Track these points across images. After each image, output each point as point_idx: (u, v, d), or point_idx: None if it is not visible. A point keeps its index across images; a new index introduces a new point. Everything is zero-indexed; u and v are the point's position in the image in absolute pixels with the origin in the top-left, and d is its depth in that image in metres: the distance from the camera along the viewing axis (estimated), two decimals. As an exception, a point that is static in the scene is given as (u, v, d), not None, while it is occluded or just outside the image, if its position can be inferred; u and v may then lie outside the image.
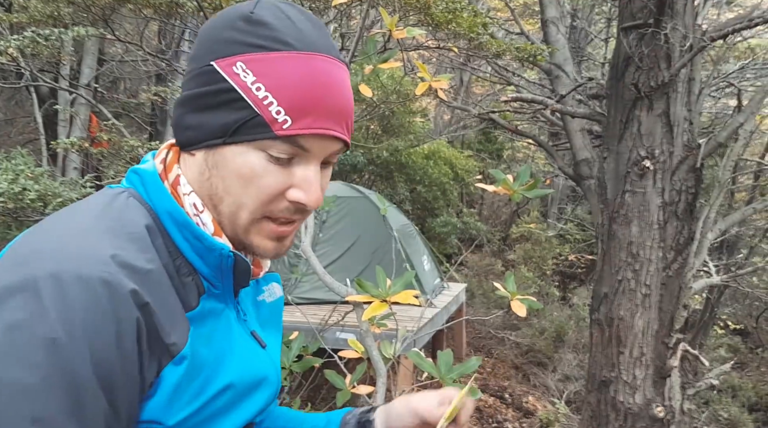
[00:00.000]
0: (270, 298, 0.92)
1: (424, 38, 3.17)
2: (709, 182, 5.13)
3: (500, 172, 2.52)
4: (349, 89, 0.72)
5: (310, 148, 0.70)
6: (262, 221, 0.72)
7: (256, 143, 0.68)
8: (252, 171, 0.69)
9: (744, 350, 8.34)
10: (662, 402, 3.67)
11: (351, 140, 0.75)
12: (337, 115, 0.70)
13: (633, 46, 3.43)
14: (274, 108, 0.67)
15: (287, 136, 0.68)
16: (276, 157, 0.69)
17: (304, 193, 0.71)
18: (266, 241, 0.74)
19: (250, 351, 0.78)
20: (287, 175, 0.70)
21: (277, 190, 0.70)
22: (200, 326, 0.71)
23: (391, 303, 2.19)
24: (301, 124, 0.67)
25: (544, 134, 9.03)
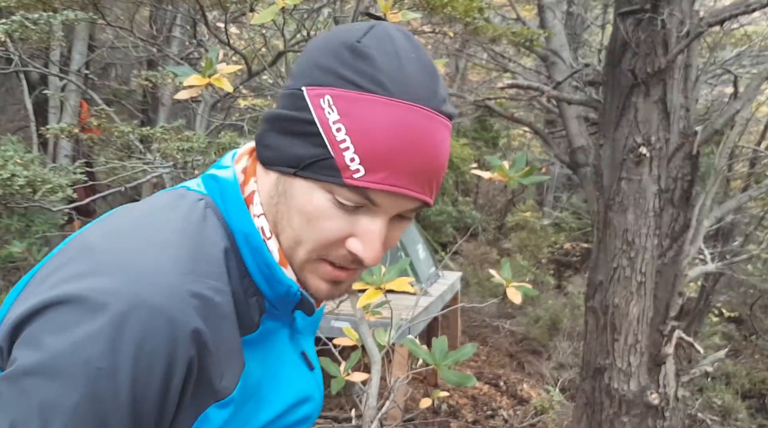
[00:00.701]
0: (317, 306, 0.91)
1: (420, 23, 3.13)
2: (705, 170, 5.12)
3: (496, 159, 2.49)
4: (445, 149, 0.66)
5: (380, 203, 0.64)
6: (318, 262, 0.69)
7: (325, 184, 0.64)
8: (316, 210, 0.65)
9: (738, 338, 8.39)
10: (657, 389, 3.67)
11: None
12: (420, 175, 0.63)
13: (630, 32, 3.40)
14: (349, 154, 0.62)
15: (356, 187, 0.63)
16: (342, 203, 0.64)
17: (363, 246, 0.66)
18: (320, 282, 0.70)
19: (298, 374, 0.77)
20: (351, 222, 0.66)
21: (337, 235, 0.66)
22: (256, 349, 0.70)
23: (386, 290, 2.18)
24: (374, 178, 0.62)
25: (540, 122, 9.00)
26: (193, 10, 3.40)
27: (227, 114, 5.11)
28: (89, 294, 0.56)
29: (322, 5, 3.19)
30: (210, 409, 0.63)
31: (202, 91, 2.33)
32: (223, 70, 2.10)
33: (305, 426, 0.80)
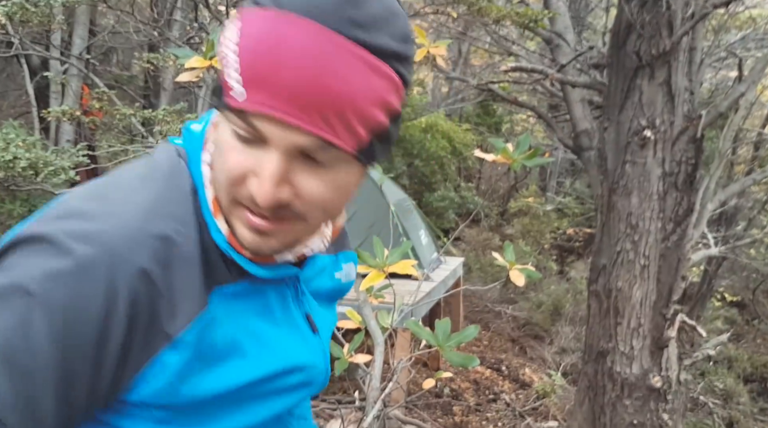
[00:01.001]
0: (345, 279, 0.86)
1: (423, 4, 3.10)
2: (709, 153, 5.09)
3: (499, 141, 2.48)
4: (351, 79, 0.56)
5: (266, 132, 0.58)
6: (237, 206, 0.63)
7: (224, 113, 0.61)
8: (222, 143, 0.62)
9: (740, 322, 8.40)
10: (659, 372, 3.68)
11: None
12: (307, 102, 0.56)
13: (635, 14, 3.36)
14: (235, 75, 0.57)
15: (238, 111, 0.58)
16: (239, 134, 0.60)
17: (257, 184, 0.60)
18: (243, 230, 0.64)
19: (296, 337, 0.74)
20: (251, 158, 0.60)
21: (238, 171, 0.61)
22: (236, 302, 0.67)
23: (389, 273, 2.18)
24: (252, 100, 0.56)
25: (544, 106, 8.95)
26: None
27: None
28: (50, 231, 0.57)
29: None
30: (163, 352, 0.61)
31: (203, 74, 2.32)
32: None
33: (306, 392, 0.78)
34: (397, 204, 6.66)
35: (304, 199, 0.61)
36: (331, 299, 0.86)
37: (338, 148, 0.59)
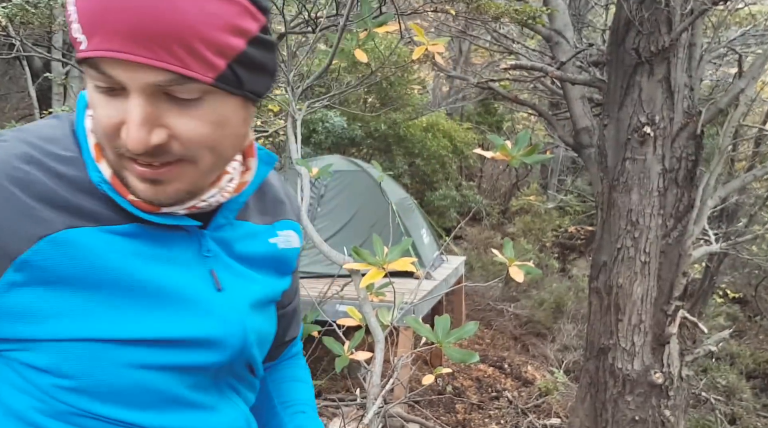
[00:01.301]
0: (283, 245, 0.85)
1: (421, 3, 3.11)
2: (709, 149, 5.09)
3: (498, 138, 2.48)
4: (176, 5, 0.56)
5: (117, 76, 0.58)
6: (124, 159, 0.64)
7: (83, 69, 0.62)
8: (91, 99, 0.63)
9: (742, 318, 8.39)
10: (660, 368, 3.69)
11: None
12: (136, 34, 0.56)
13: (633, 10, 3.37)
14: (75, 25, 0.58)
15: (86, 60, 0.59)
16: (99, 86, 0.60)
17: (125, 133, 0.60)
18: (136, 182, 0.64)
19: (195, 298, 0.71)
20: (118, 108, 0.61)
21: (110, 124, 0.61)
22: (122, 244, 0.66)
23: (388, 271, 2.18)
24: (92, 45, 0.57)
25: (544, 105, 8.95)
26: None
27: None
28: None
29: (323, -14, 3.18)
30: (8, 272, 0.61)
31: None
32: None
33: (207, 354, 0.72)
34: (398, 203, 6.67)
35: (182, 139, 0.61)
36: (272, 266, 0.84)
37: (193, 79, 0.59)
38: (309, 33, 3.11)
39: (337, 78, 6.74)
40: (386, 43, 7.04)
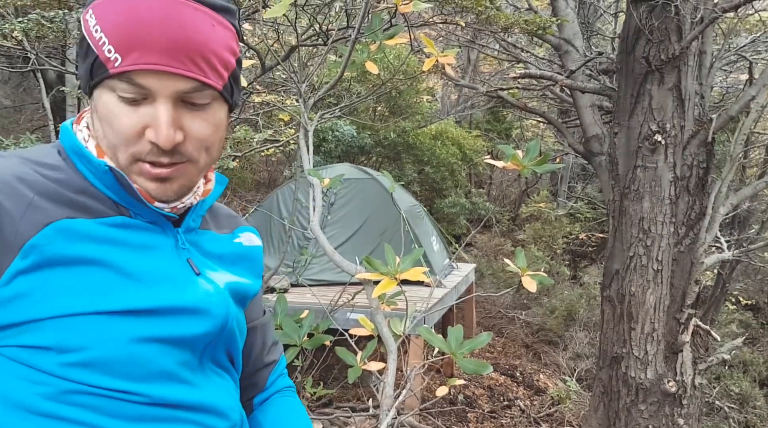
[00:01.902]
0: (247, 243, 0.95)
1: (431, 15, 3.13)
2: (720, 157, 5.08)
3: (509, 148, 2.50)
4: (199, 28, 0.72)
5: (149, 85, 0.71)
6: (136, 163, 0.75)
7: (105, 84, 0.72)
8: (108, 112, 0.73)
9: (755, 325, 8.31)
10: (674, 377, 3.67)
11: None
12: (171, 50, 0.70)
13: (643, 19, 3.38)
14: (107, 47, 0.70)
15: (121, 74, 0.70)
16: (125, 98, 0.72)
17: (155, 132, 0.72)
18: (146, 183, 0.76)
19: (179, 277, 0.79)
20: (141, 116, 0.72)
21: (132, 130, 0.73)
22: (107, 230, 0.75)
23: (400, 280, 2.20)
24: (129, 61, 0.69)
25: (554, 112, 8.94)
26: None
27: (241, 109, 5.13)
28: None
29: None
30: (15, 261, 0.69)
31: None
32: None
33: (194, 332, 0.80)
34: (408, 210, 6.68)
35: (193, 139, 0.74)
36: (241, 263, 0.93)
37: (211, 87, 0.74)
38: (320, 45, 3.14)
39: (348, 88, 6.77)
40: (396, 52, 7.08)
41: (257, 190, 10.38)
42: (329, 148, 8.91)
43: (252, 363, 0.99)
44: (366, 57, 2.50)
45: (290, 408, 1.02)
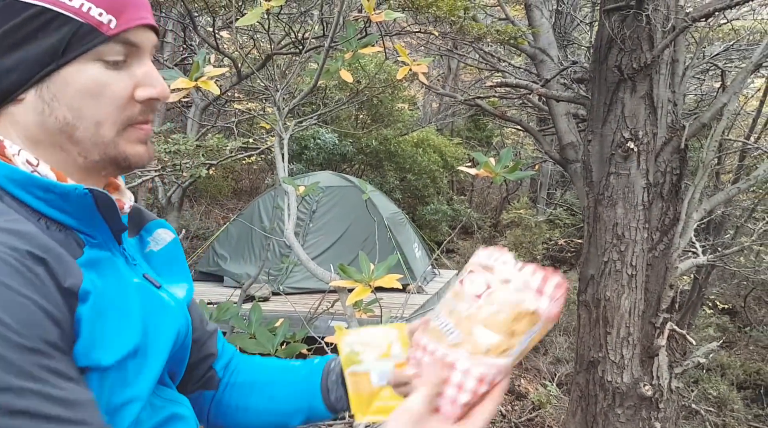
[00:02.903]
0: (158, 246, 0.87)
1: (407, 23, 3.17)
2: (694, 163, 5.16)
3: (482, 155, 2.52)
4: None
5: (140, 42, 0.72)
6: (126, 129, 0.73)
7: (91, 54, 0.68)
8: (96, 84, 0.69)
9: (732, 329, 8.43)
10: (650, 381, 3.71)
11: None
12: (146, 5, 0.73)
13: (615, 28, 3.43)
14: (95, 11, 0.67)
15: (117, 35, 0.69)
16: (113, 62, 0.70)
17: (152, 87, 0.73)
18: (137, 147, 0.74)
19: (146, 293, 0.76)
20: (129, 77, 0.71)
21: (125, 94, 0.71)
22: (91, 272, 0.69)
23: (375, 287, 2.20)
24: (125, 19, 0.69)
25: (533, 120, 9.03)
26: (182, 16, 3.43)
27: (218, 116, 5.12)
28: None
29: (310, 8, 3.23)
30: (79, 307, 0.64)
31: (192, 94, 2.36)
32: (210, 73, 2.13)
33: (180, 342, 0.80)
34: (390, 218, 6.70)
35: (167, 87, 0.75)
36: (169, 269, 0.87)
37: (158, 35, 0.78)
38: (296, 54, 3.15)
39: (326, 96, 6.79)
40: (376, 60, 7.12)
41: (239, 198, 10.35)
42: (311, 155, 8.91)
43: (199, 335, 0.95)
44: (341, 66, 2.52)
45: (261, 360, 1.03)
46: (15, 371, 0.55)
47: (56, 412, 0.57)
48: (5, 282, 0.57)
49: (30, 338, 0.57)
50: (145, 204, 6.21)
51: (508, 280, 0.72)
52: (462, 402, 0.71)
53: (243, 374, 1.00)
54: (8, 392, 0.54)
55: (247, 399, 0.97)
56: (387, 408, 0.86)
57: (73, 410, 0.58)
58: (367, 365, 0.88)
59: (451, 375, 0.71)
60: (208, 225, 8.93)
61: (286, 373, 0.99)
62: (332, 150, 8.96)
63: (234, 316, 2.27)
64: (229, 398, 0.97)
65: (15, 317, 0.56)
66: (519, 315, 0.70)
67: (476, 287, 0.73)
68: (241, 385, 0.98)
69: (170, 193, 4.87)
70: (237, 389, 0.98)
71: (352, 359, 0.89)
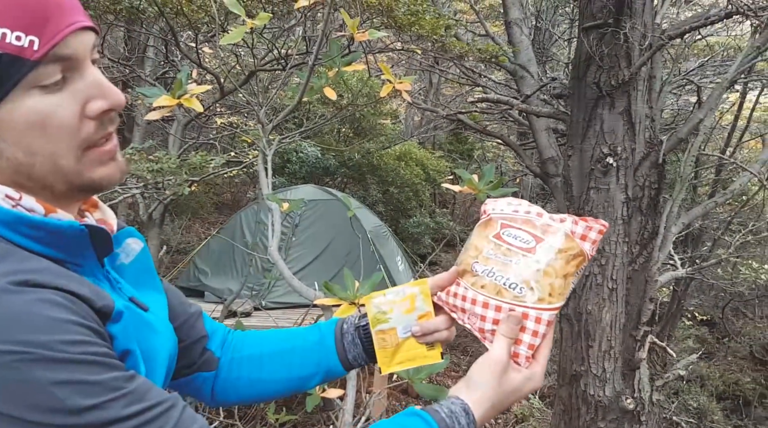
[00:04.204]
0: (128, 259, 0.81)
1: (390, 40, 3.20)
2: (672, 177, 5.25)
3: (465, 172, 2.55)
4: None
5: (75, 52, 0.63)
6: (86, 153, 0.66)
7: (23, 84, 0.60)
8: (39, 114, 0.61)
9: (711, 340, 8.54)
10: (632, 394, 3.74)
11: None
12: (73, 8, 0.64)
13: (594, 46, 3.50)
14: (11, 36, 0.58)
15: (45, 55, 0.60)
16: (52, 84, 0.62)
17: (102, 99, 0.65)
18: (104, 168, 0.68)
19: (137, 319, 0.74)
20: (73, 96, 0.64)
21: (75, 116, 0.63)
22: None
23: (360, 305, 2.20)
24: (49, 34, 0.60)
25: (514, 134, 9.12)
26: (165, 31, 3.43)
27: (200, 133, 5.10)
28: None
29: (293, 24, 3.24)
30: (108, 327, 0.65)
31: (174, 111, 2.35)
32: (193, 90, 2.12)
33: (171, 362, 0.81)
34: (373, 231, 6.70)
35: (119, 91, 0.68)
36: (140, 281, 0.83)
37: (97, 32, 0.68)
38: (279, 70, 3.16)
39: (307, 112, 6.80)
40: (359, 75, 7.15)
41: (220, 211, 10.28)
42: (294, 169, 8.90)
43: (184, 318, 0.95)
44: (324, 83, 2.53)
45: (261, 332, 1.04)
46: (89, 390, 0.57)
47: (136, 408, 0.60)
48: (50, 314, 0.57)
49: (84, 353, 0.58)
50: (126, 220, 6.15)
51: (556, 231, 0.80)
52: (537, 345, 0.79)
53: (248, 347, 1.00)
54: (94, 410, 0.57)
55: (260, 370, 0.98)
56: (411, 356, 0.96)
57: (148, 398, 0.61)
58: (393, 322, 0.95)
59: (526, 323, 0.78)
60: (189, 239, 8.85)
61: (295, 340, 1.00)
62: (315, 163, 8.97)
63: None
64: (239, 372, 0.98)
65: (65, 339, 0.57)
66: (570, 260, 0.79)
67: (523, 241, 0.80)
68: (249, 358, 0.99)
69: (151, 209, 4.83)
70: (246, 363, 0.99)
71: (379, 318, 0.95)
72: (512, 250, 0.80)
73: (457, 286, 0.88)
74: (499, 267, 0.80)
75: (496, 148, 12.15)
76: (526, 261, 0.79)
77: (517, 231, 0.82)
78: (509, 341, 0.79)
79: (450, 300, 0.90)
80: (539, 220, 0.82)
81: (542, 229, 0.81)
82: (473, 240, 0.89)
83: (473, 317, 0.83)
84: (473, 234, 0.91)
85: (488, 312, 0.81)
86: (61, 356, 0.56)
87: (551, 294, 0.79)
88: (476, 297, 0.82)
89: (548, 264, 0.79)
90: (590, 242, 0.81)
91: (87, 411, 0.56)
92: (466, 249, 0.91)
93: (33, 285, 0.59)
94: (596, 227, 0.81)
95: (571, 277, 0.80)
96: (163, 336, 0.80)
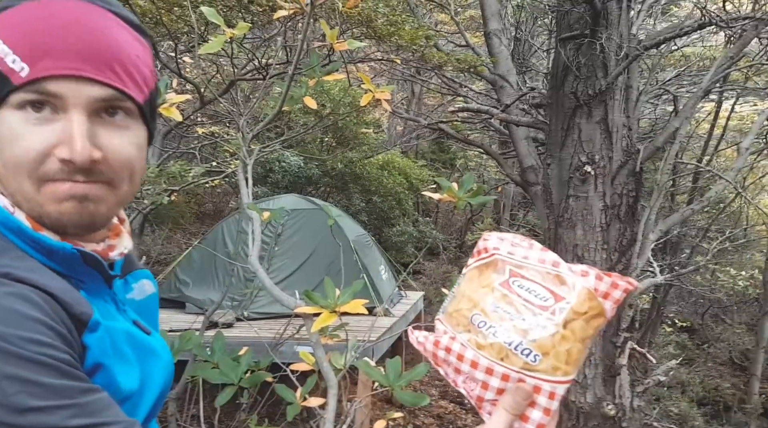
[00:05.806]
0: (140, 296, 0.85)
1: (372, 50, 3.22)
2: (649, 185, 5.33)
3: (445, 180, 2.56)
4: (110, 31, 0.66)
5: (61, 92, 0.63)
6: (44, 185, 0.65)
7: (7, 102, 0.64)
8: (12, 131, 0.64)
9: (691, 346, 8.63)
10: (613, 400, 3.77)
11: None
12: (87, 55, 0.64)
13: (571, 56, 3.55)
14: (10, 58, 0.63)
15: (29, 83, 0.63)
16: (31, 114, 0.64)
17: (69, 148, 0.64)
18: (61, 205, 0.66)
19: (139, 340, 0.76)
20: (50, 132, 0.64)
21: (40, 149, 0.64)
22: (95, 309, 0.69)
23: (341, 313, 2.20)
24: (41, 67, 0.63)
25: (495, 143, 9.20)
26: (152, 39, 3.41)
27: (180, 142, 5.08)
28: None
29: (274, 34, 3.25)
30: (85, 336, 0.64)
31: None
32: (173, 100, 2.12)
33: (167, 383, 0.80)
34: (356, 240, 6.70)
35: (113, 159, 0.67)
36: (147, 317, 0.85)
37: (130, 98, 0.67)
38: (259, 80, 3.17)
39: (290, 120, 6.80)
40: (341, 85, 7.18)
41: (202, 221, 10.21)
42: (276, 178, 8.88)
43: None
44: (304, 92, 2.54)
45: None
46: (38, 392, 0.56)
47: (83, 422, 0.58)
48: (19, 309, 0.58)
49: (42, 353, 0.58)
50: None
51: (576, 286, 0.67)
52: (546, 425, 0.67)
53: None
54: (38, 412, 0.56)
55: None
56: None
57: (100, 415, 0.60)
58: None
59: (537, 398, 0.66)
60: (170, 250, 8.78)
61: None
62: (297, 173, 8.96)
63: (196, 346, 2.23)
64: None
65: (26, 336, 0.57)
66: (590, 320, 0.67)
67: (538, 296, 0.68)
68: None
69: (131, 219, 4.80)
70: None
71: None
72: (526, 306, 0.68)
73: (451, 340, 0.73)
74: (507, 324, 0.68)
75: (478, 157, 12.25)
76: (541, 321, 0.66)
77: (531, 284, 0.69)
78: (512, 418, 0.67)
79: (440, 354, 0.74)
80: (556, 271, 0.69)
81: (560, 283, 0.68)
82: (468, 285, 0.75)
83: (471, 382, 0.70)
84: (466, 276, 0.76)
85: (492, 380, 0.68)
86: (17, 351, 0.56)
87: (567, 363, 0.66)
88: (478, 359, 0.69)
89: (567, 326, 0.66)
90: (612, 301, 0.68)
91: (31, 412, 0.55)
92: (456, 297, 0.76)
93: (12, 279, 0.61)
94: (622, 285, 0.68)
95: (588, 341, 0.68)
96: (163, 360, 0.80)
